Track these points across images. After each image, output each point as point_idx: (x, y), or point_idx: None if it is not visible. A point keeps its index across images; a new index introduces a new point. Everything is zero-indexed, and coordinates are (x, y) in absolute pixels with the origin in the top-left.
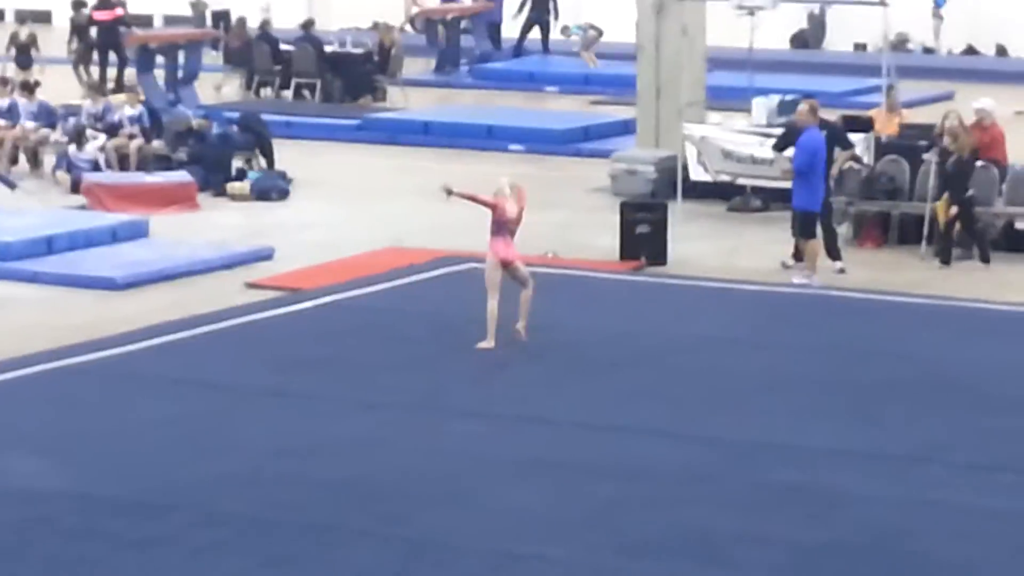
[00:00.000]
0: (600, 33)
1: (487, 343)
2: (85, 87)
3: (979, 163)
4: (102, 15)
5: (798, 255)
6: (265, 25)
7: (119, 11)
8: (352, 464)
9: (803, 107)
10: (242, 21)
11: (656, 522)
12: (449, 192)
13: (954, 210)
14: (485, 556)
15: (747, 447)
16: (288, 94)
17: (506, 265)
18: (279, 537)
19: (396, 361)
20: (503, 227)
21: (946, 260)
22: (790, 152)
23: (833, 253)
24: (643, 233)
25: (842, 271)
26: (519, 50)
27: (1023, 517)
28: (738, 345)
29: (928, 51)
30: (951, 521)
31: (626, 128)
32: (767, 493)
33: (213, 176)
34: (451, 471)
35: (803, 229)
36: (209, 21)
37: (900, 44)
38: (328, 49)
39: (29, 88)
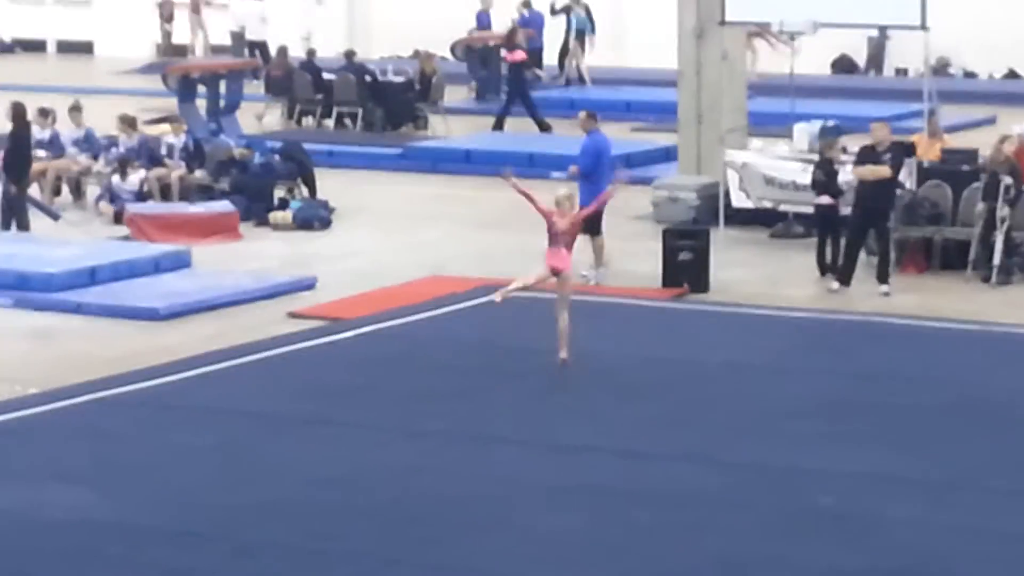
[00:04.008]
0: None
1: (500, 294)
2: (118, 121)
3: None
4: (510, 56)
5: (842, 278)
6: (311, 55)
7: (520, 54)
8: (391, 491)
9: (582, 114)
10: (283, 50)
11: (694, 548)
12: (508, 177)
13: None
14: None
15: (785, 473)
16: (330, 123)
17: (555, 273)
18: (320, 565)
19: (437, 389)
20: (556, 238)
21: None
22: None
23: (882, 276)
24: (685, 260)
25: (887, 295)
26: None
27: None
28: (779, 371)
29: (969, 75)
30: (988, 547)
31: (667, 155)
32: (804, 518)
33: (255, 206)
34: (490, 497)
35: (589, 226)
36: (246, 51)
37: (941, 68)
38: (369, 78)
39: (74, 109)
